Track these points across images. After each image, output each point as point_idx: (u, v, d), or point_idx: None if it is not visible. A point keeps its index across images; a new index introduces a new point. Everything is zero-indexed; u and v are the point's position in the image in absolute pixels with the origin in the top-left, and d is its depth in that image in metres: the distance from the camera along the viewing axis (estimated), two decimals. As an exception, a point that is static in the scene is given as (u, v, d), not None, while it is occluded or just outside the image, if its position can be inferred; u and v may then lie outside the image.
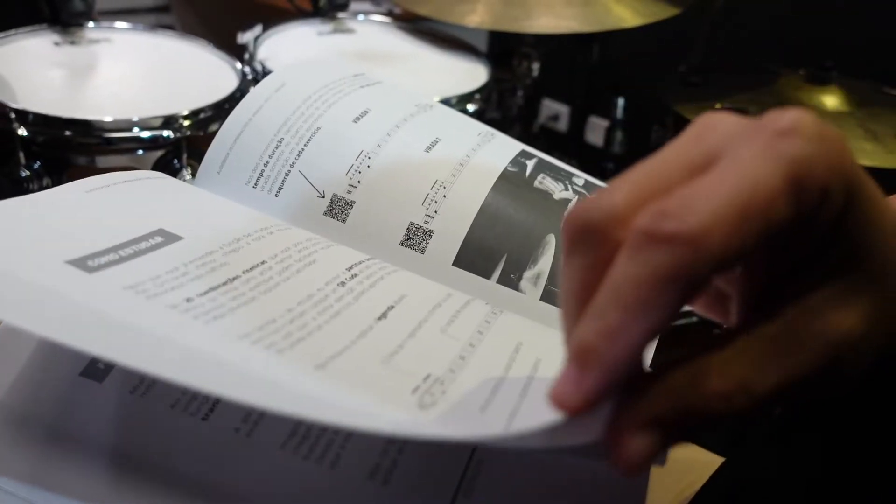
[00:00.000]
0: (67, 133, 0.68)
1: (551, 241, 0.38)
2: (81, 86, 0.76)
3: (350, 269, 0.33)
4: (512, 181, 0.40)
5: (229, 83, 0.79)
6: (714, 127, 0.18)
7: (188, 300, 0.27)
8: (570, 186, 0.41)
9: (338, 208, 0.38)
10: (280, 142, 0.40)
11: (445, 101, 0.86)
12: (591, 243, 0.17)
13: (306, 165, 0.39)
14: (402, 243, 0.38)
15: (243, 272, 0.30)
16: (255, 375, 0.24)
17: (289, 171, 0.39)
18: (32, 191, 0.70)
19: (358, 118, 0.41)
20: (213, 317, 0.27)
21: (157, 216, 0.32)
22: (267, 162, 0.39)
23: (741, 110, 0.90)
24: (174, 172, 0.73)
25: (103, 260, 0.28)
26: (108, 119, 0.68)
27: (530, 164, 0.42)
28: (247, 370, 0.24)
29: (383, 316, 0.30)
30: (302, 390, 0.23)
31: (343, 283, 0.32)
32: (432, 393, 0.25)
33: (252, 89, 0.42)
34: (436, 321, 0.31)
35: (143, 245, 0.30)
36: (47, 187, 0.72)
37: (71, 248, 0.28)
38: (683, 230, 0.15)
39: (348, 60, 0.45)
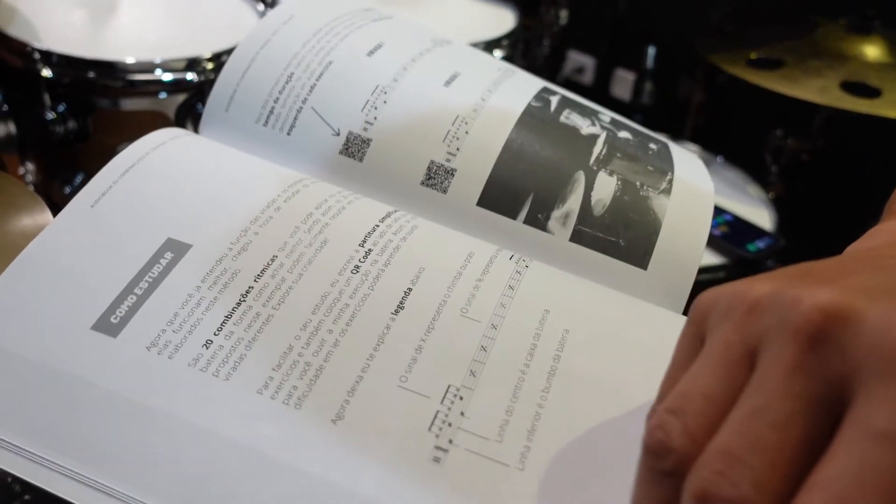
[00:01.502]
0: (91, 74, 0.67)
1: (580, 178, 0.35)
2: (104, 26, 0.74)
3: (363, 242, 0.31)
4: (536, 116, 0.37)
5: (251, 25, 0.78)
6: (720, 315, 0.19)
7: (207, 344, 0.27)
8: (596, 122, 0.38)
9: (354, 146, 0.35)
10: (290, 76, 0.37)
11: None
12: (671, 477, 0.17)
13: (319, 101, 0.36)
14: (422, 183, 0.35)
15: (255, 279, 0.29)
16: (277, 462, 0.25)
17: (300, 107, 0.36)
18: (58, 134, 0.70)
19: (372, 51, 0.38)
20: (232, 366, 0.27)
21: (162, 221, 0.31)
22: (277, 98, 0.36)
23: (777, 61, 0.87)
24: (197, 117, 0.73)
25: (124, 308, 0.28)
26: (130, 60, 0.67)
27: (554, 99, 0.39)
28: (271, 457, 0.25)
29: (400, 307, 0.29)
30: (323, 478, 0.24)
31: (357, 269, 0.30)
32: (450, 439, 0.25)
33: (259, 21, 0.38)
34: (455, 301, 0.29)
35: (156, 270, 0.29)
36: (73, 131, 0.72)
37: (93, 304, 0.28)
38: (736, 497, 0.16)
39: (372, 4, 0.43)
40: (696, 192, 0.37)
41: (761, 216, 0.93)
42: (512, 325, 0.29)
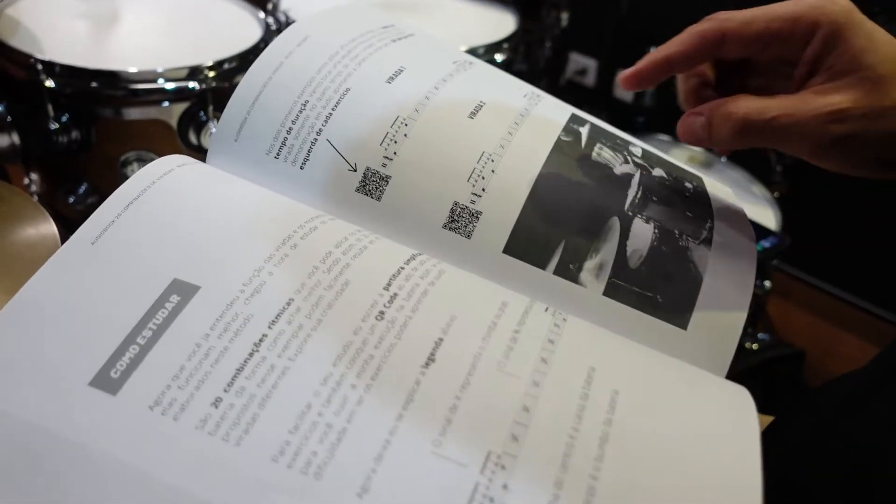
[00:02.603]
0: (94, 84, 0.67)
1: (615, 225, 0.32)
2: (106, 37, 0.74)
3: (388, 285, 0.28)
4: (567, 153, 0.34)
5: (253, 34, 0.77)
6: None
7: (216, 402, 0.24)
8: (629, 158, 0.35)
9: (371, 184, 0.33)
10: (304, 105, 0.34)
11: (472, 51, 0.81)
12: None
13: (335, 133, 0.33)
14: (445, 226, 0.32)
15: (269, 325, 0.26)
16: None
17: (315, 139, 0.33)
18: (62, 144, 0.70)
19: (392, 77, 0.35)
20: (244, 428, 0.23)
21: (168, 259, 0.28)
22: (290, 128, 0.33)
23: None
24: (200, 125, 0.72)
25: (125, 360, 0.25)
26: (133, 70, 0.67)
27: (584, 131, 0.36)
28: None
29: (430, 359, 0.25)
30: None
31: (382, 315, 0.27)
32: None
33: (271, 43, 0.36)
34: (491, 353, 0.26)
35: (160, 316, 0.26)
36: (76, 141, 0.73)
37: (92, 356, 0.25)
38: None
39: (373, 9, 0.42)
40: (739, 240, 0.34)
41: (766, 216, 0.93)
42: (556, 383, 0.25)
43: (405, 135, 0.33)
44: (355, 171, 0.33)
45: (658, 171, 0.36)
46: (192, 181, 0.31)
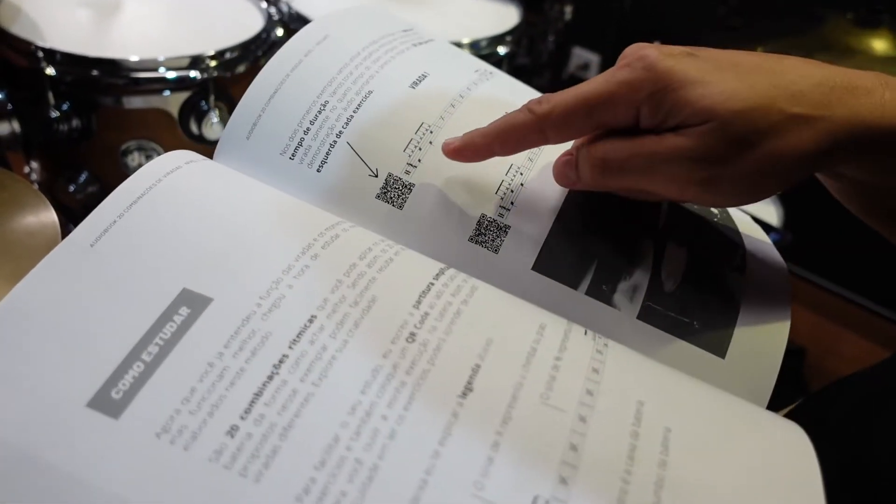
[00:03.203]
0: (95, 72, 0.66)
1: (648, 246, 0.31)
2: (107, 25, 0.73)
3: (418, 303, 0.25)
4: None
5: (255, 23, 0.76)
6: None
7: (231, 431, 0.21)
8: None
9: (393, 191, 0.31)
10: (324, 105, 0.32)
11: (475, 43, 0.80)
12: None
13: (356, 136, 0.32)
14: (471, 239, 0.30)
15: (291, 344, 0.23)
16: None
17: (335, 141, 0.32)
18: (62, 132, 0.70)
19: (416, 82, 0.34)
20: (263, 462, 0.21)
21: (177, 267, 0.25)
22: (308, 129, 0.32)
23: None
24: (202, 114, 0.72)
25: (129, 379, 0.22)
26: (134, 58, 0.66)
27: None
28: None
29: (468, 388, 0.23)
30: None
31: (413, 336, 0.24)
32: None
33: (289, 40, 0.34)
34: (533, 383, 0.24)
35: (168, 330, 0.23)
36: (77, 129, 0.73)
37: (90, 374, 0.22)
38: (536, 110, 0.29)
39: (384, 4, 0.40)
40: (772, 268, 0.33)
41: (768, 212, 0.93)
42: (604, 419, 0.23)
43: (430, 142, 0.32)
44: (376, 176, 0.31)
45: None
46: (202, 180, 0.29)
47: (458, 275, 0.28)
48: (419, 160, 0.32)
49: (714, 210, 0.35)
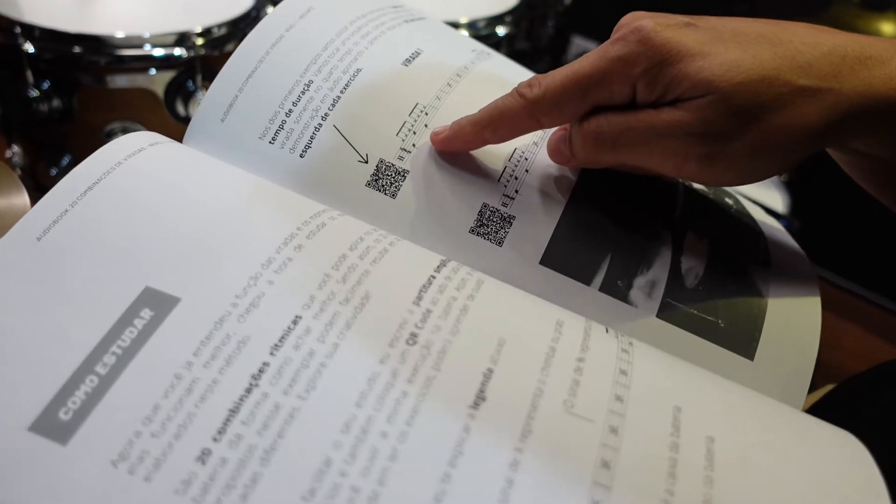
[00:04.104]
0: (76, 50, 0.63)
1: (666, 237, 0.28)
2: (91, 2, 0.72)
3: (418, 299, 0.22)
4: None
5: (245, 0, 0.75)
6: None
7: (202, 457, 0.18)
8: None
9: (385, 178, 0.28)
10: (308, 85, 0.30)
11: (474, 23, 0.78)
12: None
13: (343, 118, 0.29)
14: (472, 230, 0.28)
15: (272, 350, 0.20)
16: None
17: (320, 124, 0.29)
18: (42, 112, 0.67)
19: (409, 60, 0.31)
20: (241, 493, 0.18)
21: (138, 263, 0.22)
22: (290, 111, 0.29)
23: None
24: (188, 95, 0.70)
25: (80, 397, 0.19)
26: (118, 35, 0.64)
27: None
28: None
29: (480, 397, 0.20)
30: None
31: (414, 338, 0.21)
32: None
33: (269, 14, 0.31)
34: (555, 389, 0.20)
35: (128, 336, 0.20)
36: (57, 109, 0.70)
37: (33, 391, 0.19)
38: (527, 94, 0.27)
39: None
40: (796, 261, 0.30)
41: (774, 199, 0.91)
42: (637, 429, 0.20)
43: (425, 125, 0.29)
44: (366, 162, 0.29)
45: (699, 185, 0.32)
46: (169, 164, 0.25)
47: (462, 267, 0.25)
48: (413, 144, 0.29)
49: (728, 200, 0.33)
